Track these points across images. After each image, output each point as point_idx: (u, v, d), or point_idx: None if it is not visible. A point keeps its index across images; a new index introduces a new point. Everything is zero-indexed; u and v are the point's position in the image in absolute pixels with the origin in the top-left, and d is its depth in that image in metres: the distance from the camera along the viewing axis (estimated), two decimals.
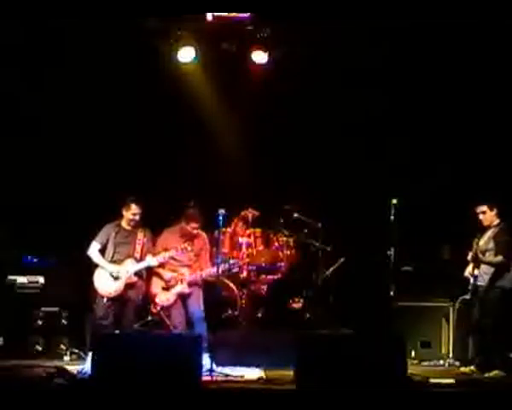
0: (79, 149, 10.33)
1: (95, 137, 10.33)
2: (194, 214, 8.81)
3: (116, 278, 8.52)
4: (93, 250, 8.69)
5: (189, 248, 8.68)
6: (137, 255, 8.61)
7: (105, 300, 8.52)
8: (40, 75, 9.96)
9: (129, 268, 8.55)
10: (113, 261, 8.62)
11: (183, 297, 8.78)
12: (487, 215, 8.61)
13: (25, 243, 9.84)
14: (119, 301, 8.55)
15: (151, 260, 8.63)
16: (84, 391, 6.76)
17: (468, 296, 8.74)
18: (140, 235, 8.70)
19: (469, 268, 8.63)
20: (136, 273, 8.61)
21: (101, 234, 8.73)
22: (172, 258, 8.70)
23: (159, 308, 8.75)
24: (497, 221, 8.61)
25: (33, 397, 6.42)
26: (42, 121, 10.23)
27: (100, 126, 10.32)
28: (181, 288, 8.74)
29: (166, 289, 8.77)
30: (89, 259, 8.73)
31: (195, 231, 8.80)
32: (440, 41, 9.67)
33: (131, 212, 8.63)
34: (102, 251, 8.70)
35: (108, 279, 8.55)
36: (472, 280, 8.53)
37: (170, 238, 8.86)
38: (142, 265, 8.61)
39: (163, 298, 8.76)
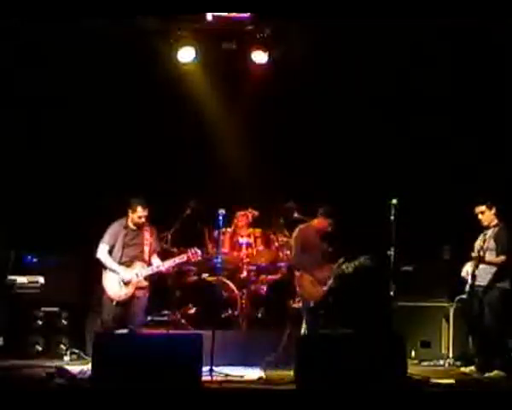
0: (80, 150, 10.34)
1: (95, 137, 10.34)
2: (326, 211, 9.01)
3: (127, 284, 8.44)
4: (102, 253, 8.51)
5: (199, 252, 8.64)
6: (146, 257, 8.54)
7: (114, 303, 8.43)
8: (40, 74, 9.96)
9: (139, 272, 8.46)
10: (121, 263, 8.49)
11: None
12: (486, 215, 8.61)
13: (25, 243, 9.83)
14: (127, 303, 8.45)
15: (161, 266, 8.56)
16: (84, 391, 6.77)
17: (465, 296, 8.75)
18: (147, 235, 8.62)
19: (467, 268, 8.63)
20: (146, 277, 8.53)
21: (109, 235, 8.57)
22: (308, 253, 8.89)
23: (312, 304, 8.81)
24: (496, 221, 8.61)
25: (33, 397, 6.42)
26: (43, 121, 10.24)
27: (100, 126, 10.33)
28: (331, 281, 8.84)
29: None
30: (92, 259, 8.63)
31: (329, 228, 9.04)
32: (439, 42, 9.70)
33: (137, 214, 8.52)
34: (109, 251, 8.57)
35: (118, 283, 8.42)
36: (470, 280, 8.53)
37: (309, 235, 9.03)
38: (152, 270, 8.53)
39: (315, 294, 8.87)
